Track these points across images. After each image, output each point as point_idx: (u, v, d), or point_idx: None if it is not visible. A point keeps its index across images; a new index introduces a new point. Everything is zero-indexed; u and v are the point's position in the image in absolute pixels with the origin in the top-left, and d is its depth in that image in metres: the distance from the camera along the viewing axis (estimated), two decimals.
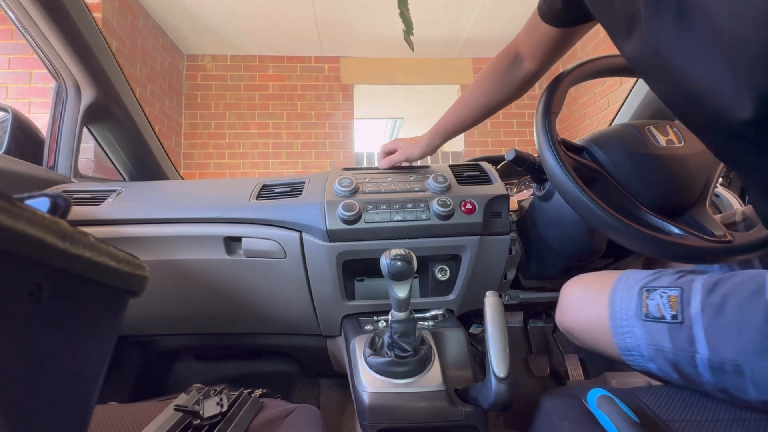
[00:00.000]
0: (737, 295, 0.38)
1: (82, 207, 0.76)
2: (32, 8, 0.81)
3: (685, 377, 0.43)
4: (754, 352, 0.36)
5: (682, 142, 0.59)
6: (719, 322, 0.38)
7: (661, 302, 0.43)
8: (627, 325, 0.46)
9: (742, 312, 0.37)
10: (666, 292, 0.43)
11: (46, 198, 0.27)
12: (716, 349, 0.38)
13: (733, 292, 0.38)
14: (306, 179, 0.80)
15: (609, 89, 2.99)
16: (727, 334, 0.38)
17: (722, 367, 0.38)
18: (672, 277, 0.45)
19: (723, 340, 0.38)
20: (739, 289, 0.38)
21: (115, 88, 1.01)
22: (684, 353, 0.41)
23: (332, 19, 3.33)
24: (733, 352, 0.37)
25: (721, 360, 0.38)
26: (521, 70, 0.79)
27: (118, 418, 0.49)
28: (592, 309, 0.51)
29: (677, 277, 0.44)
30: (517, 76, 0.80)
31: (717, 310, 0.39)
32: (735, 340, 0.37)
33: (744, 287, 0.38)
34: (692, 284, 0.42)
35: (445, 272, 0.77)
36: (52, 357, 0.24)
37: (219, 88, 3.83)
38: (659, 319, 0.43)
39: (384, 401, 0.55)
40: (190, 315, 0.85)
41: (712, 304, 0.39)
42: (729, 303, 0.38)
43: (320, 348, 0.89)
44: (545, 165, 0.58)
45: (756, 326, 0.35)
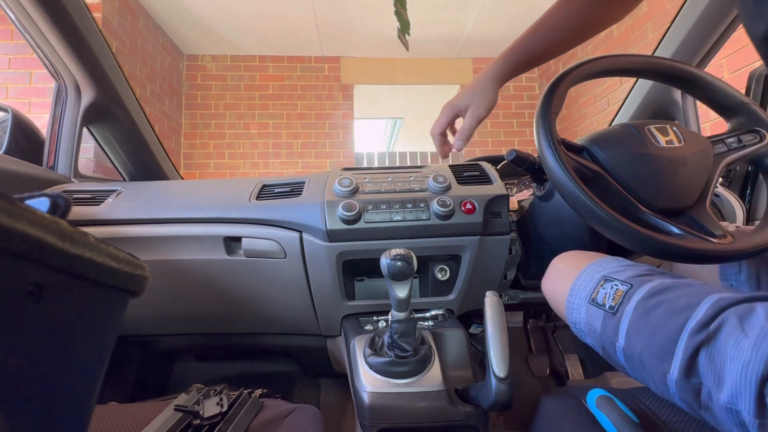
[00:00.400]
0: (669, 305, 0.42)
1: (82, 207, 0.76)
2: (32, 8, 0.81)
3: (608, 357, 0.49)
4: (654, 353, 0.41)
5: (682, 142, 0.59)
6: (640, 322, 0.43)
7: (609, 293, 0.48)
8: (577, 303, 0.52)
9: (663, 320, 0.41)
10: (617, 286, 0.48)
11: (46, 198, 0.27)
12: (629, 342, 0.44)
13: (667, 302, 0.42)
14: (306, 179, 0.80)
15: (609, 89, 2.99)
16: (641, 333, 0.43)
17: (632, 359, 0.44)
18: (635, 272, 0.49)
19: (637, 337, 0.43)
20: (674, 300, 0.42)
21: (115, 88, 1.01)
22: (608, 339, 0.47)
23: (332, 19, 3.33)
24: (639, 348, 0.43)
25: (631, 352, 0.44)
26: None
27: (118, 418, 0.49)
28: (562, 282, 0.56)
29: (639, 274, 0.48)
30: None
31: (645, 312, 0.43)
32: (645, 340, 0.42)
33: (679, 300, 0.41)
34: (644, 285, 0.46)
35: (445, 272, 0.77)
36: (52, 357, 0.24)
37: (219, 88, 3.83)
38: (600, 306, 0.48)
39: (384, 401, 0.55)
40: (190, 315, 0.85)
41: (645, 306, 0.44)
42: (658, 310, 0.42)
43: (320, 348, 0.89)
44: (545, 165, 0.58)
45: (665, 334, 0.40)
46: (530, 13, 3.33)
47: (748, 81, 0.89)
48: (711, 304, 0.39)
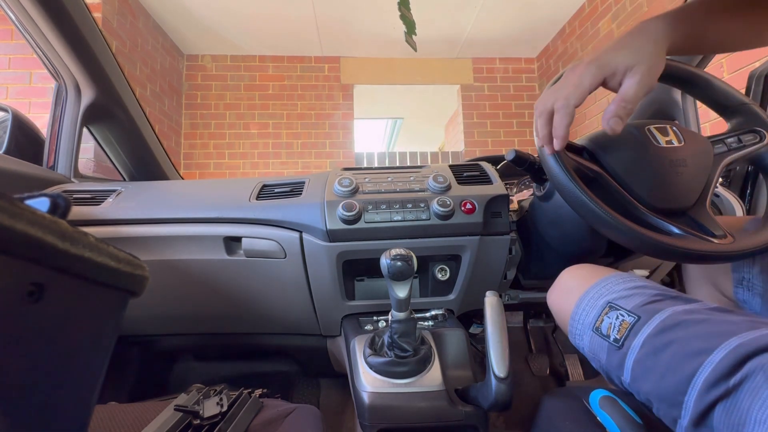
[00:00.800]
0: (681, 346, 0.38)
1: (82, 207, 0.76)
2: (32, 8, 0.81)
3: (615, 385, 0.47)
4: (662, 398, 0.38)
5: (682, 142, 0.59)
6: (648, 362, 0.40)
7: (614, 324, 0.45)
8: (580, 329, 0.50)
9: (673, 363, 0.37)
10: (623, 317, 0.44)
11: (46, 198, 0.27)
12: (635, 380, 0.41)
13: (678, 342, 0.38)
14: (306, 179, 0.80)
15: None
16: (649, 374, 0.39)
17: (638, 395, 0.42)
18: (643, 299, 0.45)
19: (643, 378, 0.40)
20: (687, 341, 0.38)
21: (115, 88, 1.01)
22: (614, 372, 0.44)
23: (332, 19, 3.33)
24: (646, 389, 0.40)
25: (637, 390, 0.41)
26: None
27: (118, 418, 0.49)
28: (567, 300, 0.54)
29: (648, 301, 0.44)
30: None
31: (654, 351, 0.40)
32: (652, 383, 0.39)
33: (693, 342, 0.37)
34: (653, 316, 0.42)
35: (445, 272, 0.77)
36: (52, 357, 0.24)
37: (219, 88, 3.83)
38: (605, 336, 0.45)
39: (384, 401, 0.55)
40: (190, 315, 0.85)
41: (653, 344, 0.40)
42: (668, 350, 0.38)
43: (320, 348, 0.89)
44: (545, 165, 0.58)
45: (675, 380, 0.36)
46: (530, 14, 3.34)
47: (748, 81, 0.89)
48: (730, 350, 0.34)
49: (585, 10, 3.23)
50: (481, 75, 4.03)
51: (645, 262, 0.82)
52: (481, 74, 4.03)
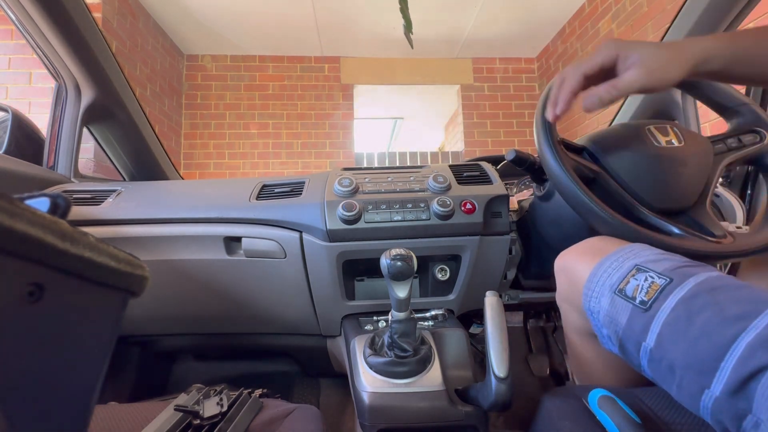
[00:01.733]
0: (719, 309, 0.36)
1: (82, 207, 0.76)
2: (32, 8, 0.81)
3: (624, 353, 0.44)
4: (692, 364, 0.36)
5: (682, 142, 0.59)
6: (679, 326, 0.38)
7: (642, 285, 0.42)
8: (598, 290, 0.46)
9: (710, 328, 0.35)
10: (653, 279, 0.42)
11: (46, 198, 0.27)
12: (660, 344, 0.39)
13: (716, 305, 0.36)
14: (306, 179, 0.80)
15: None
16: (679, 338, 0.37)
17: (659, 362, 0.39)
18: (674, 263, 0.43)
19: (672, 342, 0.38)
20: (726, 305, 0.36)
21: (115, 88, 1.01)
22: (633, 336, 0.41)
23: (332, 19, 3.33)
24: (673, 355, 0.37)
25: (660, 356, 0.39)
26: None
27: (118, 418, 0.49)
28: (585, 260, 0.51)
29: (680, 266, 0.42)
30: None
31: (688, 314, 0.37)
32: (683, 347, 0.37)
33: (733, 306, 0.35)
34: (687, 279, 0.40)
35: (445, 272, 0.77)
36: (52, 357, 0.24)
37: (219, 88, 3.83)
38: (630, 299, 0.42)
39: (384, 401, 0.55)
40: (190, 315, 0.85)
41: (687, 307, 0.38)
42: (704, 314, 0.36)
43: (320, 348, 0.89)
44: (545, 165, 0.58)
45: (711, 345, 0.35)
46: (530, 14, 3.33)
47: None
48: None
49: (585, 10, 3.23)
50: (481, 75, 4.03)
51: None
52: (481, 74, 4.03)
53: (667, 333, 0.38)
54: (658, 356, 0.39)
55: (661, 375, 0.39)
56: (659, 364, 0.39)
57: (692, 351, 0.36)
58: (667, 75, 0.47)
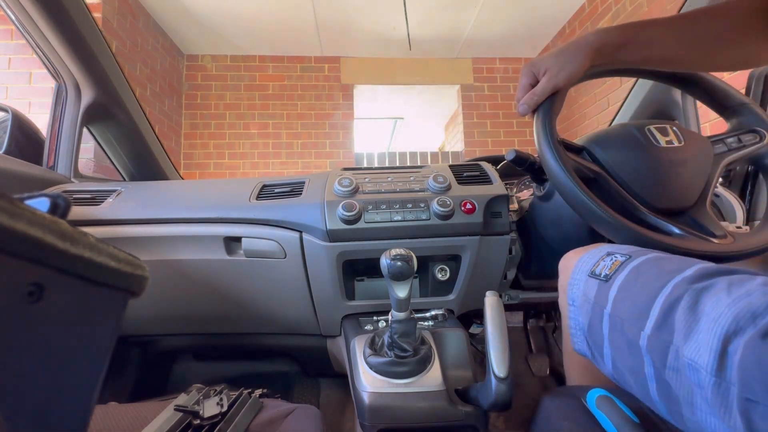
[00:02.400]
0: (659, 268, 0.41)
1: (82, 207, 0.76)
2: (32, 8, 0.81)
3: (592, 334, 0.48)
4: (634, 313, 0.41)
5: (682, 142, 0.59)
6: (629, 286, 0.43)
7: (607, 264, 0.48)
8: (578, 278, 0.52)
9: (649, 281, 0.41)
10: (616, 257, 0.48)
11: (46, 198, 0.27)
12: (615, 306, 0.44)
13: (658, 266, 0.42)
14: (306, 179, 0.80)
15: (609, 89, 2.99)
16: (627, 295, 0.43)
17: (615, 326, 0.43)
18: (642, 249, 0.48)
19: (622, 300, 0.43)
20: (665, 265, 0.42)
21: (115, 88, 1.01)
22: (599, 307, 0.46)
23: (332, 19, 3.33)
24: (622, 311, 0.42)
25: (614, 317, 0.43)
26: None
27: (118, 418, 0.49)
28: (575, 257, 0.56)
29: (645, 250, 0.48)
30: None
31: (636, 276, 0.43)
32: (629, 302, 0.42)
33: (670, 265, 0.41)
34: (642, 255, 0.46)
35: (445, 272, 0.77)
36: (52, 357, 0.24)
37: (219, 88, 3.83)
38: (597, 276, 0.48)
39: (384, 401, 0.55)
40: (190, 315, 0.85)
41: (636, 271, 0.43)
42: (648, 273, 0.42)
43: (320, 348, 0.89)
44: (545, 165, 0.58)
45: (648, 293, 0.40)
46: (530, 14, 3.34)
47: (748, 81, 0.89)
48: (701, 267, 0.39)
49: (585, 10, 3.23)
50: (481, 75, 4.03)
51: None
52: (481, 74, 4.03)
53: (620, 295, 0.44)
54: (613, 319, 0.44)
55: (617, 342, 0.43)
56: (615, 327, 0.43)
57: (635, 301, 0.41)
58: (571, 71, 0.56)
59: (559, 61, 0.56)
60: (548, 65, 0.57)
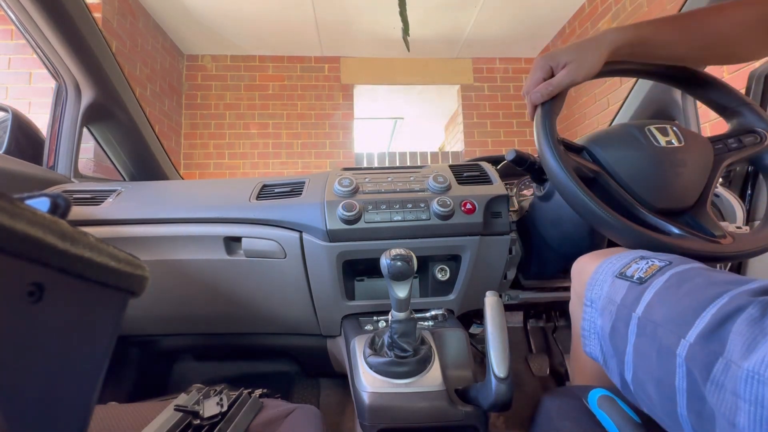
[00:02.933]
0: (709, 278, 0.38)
1: (82, 207, 0.76)
2: (32, 8, 0.81)
3: (614, 334, 0.45)
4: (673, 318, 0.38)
5: (682, 142, 0.59)
6: (669, 292, 0.40)
7: (642, 267, 0.45)
8: (601, 279, 0.49)
9: (697, 289, 0.38)
10: (653, 261, 0.44)
11: (46, 198, 0.27)
12: (649, 309, 0.40)
13: (707, 276, 0.39)
14: (306, 179, 0.80)
15: (609, 89, 2.99)
16: (666, 300, 0.40)
17: (644, 328, 0.40)
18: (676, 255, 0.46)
19: (659, 305, 0.40)
20: (717, 276, 0.38)
21: (115, 88, 1.01)
22: (626, 310, 0.43)
23: (332, 19, 3.33)
24: (658, 315, 0.39)
25: (646, 321, 0.40)
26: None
27: (118, 418, 0.49)
28: (597, 258, 0.54)
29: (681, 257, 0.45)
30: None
31: (679, 282, 0.40)
32: (668, 307, 0.39)
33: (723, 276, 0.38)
34: (688, 262, 0.43)
35: (445, 272, 0.77)
36: (52, 357, 0.24)
37: (219, 88, 3.83)
38: (628, 278, 0.45)
39: (384, 401, 0.55)
40: (190, 315, 0.85)
41: (679, 278, 0.40)
42: (695, 280, 0.39)
43: (320, 348, 0.89)
44: (545, 165, 0.58)
45: (695, 300, 0.37)
46: (530, 14, 3.33)
47: (748, 81, 0.89)
48: (764, 283, 0.34)
49: (585, 10, 3.23)
50: (481, 75, 4.03)
51: None
52: (481, 74, 4.03)
53: (657, 299, 0.40)
54: (644, 322, 0.40)
55: (644, 348, 0.40)
56: (643, 330, 0.40)
57: (676, 307, 0.38)
58: (590, 67, 0.58)
59: (579, 56, 0.57)
60: (569, 59, 0.58)
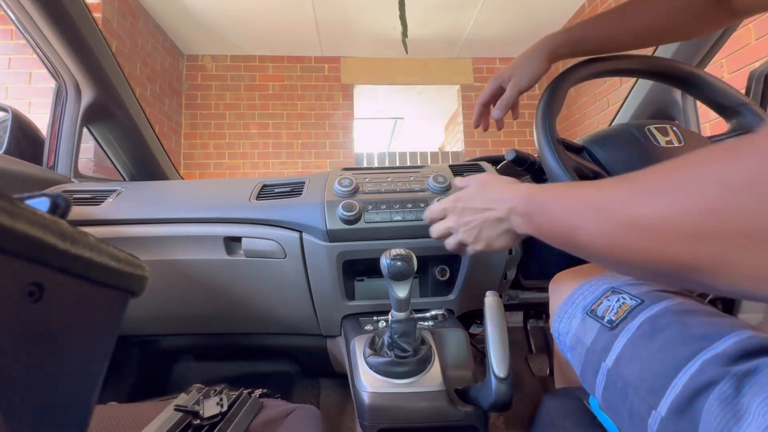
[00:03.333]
0: (683, 329, 0.35)
1: (82, 207, 0.76)
2: (32, 8, 0.81)
3: (584, 381, 0.43)
4: (644, 381, 0.34)
5: (682, 142, 0.59)
6: (641, 343, 0.36)
7: (612, 306, 0.42)
8: (571, 312, 0.47)
9: (670, 344, 0.34)
10: (624, 299, 0.41)
11: (46, 198, 0.27)
12: (619, 363, 0.37)
13: (681, 325, 0.35)
14: (306, 179, 0.80)
15: (609, 89, 2.99)
16: (638, 356, 0.36)
17: (614, 386, 0.37)
18: (652, 288, 0.42)
19: (631, 360, 0.36)
20: (691, 326, 0.35)
21: (115, 88, 1.01)
22: (595, 357, 0.40)
23: (332, 19, 3.33)
24: (628, 374, 0.36)
25: (616, 377, 0.37)
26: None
27: (118, 418, 0.49)
28: (569, 284, 0.52)
29: (658, 289, 0.41)
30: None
31: (652, 332, 0.36)
32: (639, 365, 0.35)
33: (698, 327, 0.34)
34: (660, 301, 0.39)
35: (445, 272, 0.77)
36: (52, 357, 0.24)
37: (219, 88, 3.83)
38: (598, 318, 0.42)
39: (384, 401, 0.55)
40: (190, 315, 0.85)
41: (652, 325, 0.36)
42: (667, 331, 0.35)
43: (320, 348, 0.89)
44: (545, 165, 0.58)
45: (667, 361, 0.33)
46: (530, 14, 3.33)
47: (748, 81, 0.89)
48: (739, 340, 0.31)
49: (585, 10, 3.23)
50: (481, 75, 4.03)
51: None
52: (481, 74, 4.03)
53: (628, 352, 0.37)
54: (613, 378, 0.37)
55: (612, 403, 0.37)
56: (613, 388, 0.37)
57: (648, 367, 0.34)
58: (532, 73, 0.64)
59: (519, 67, 0.64)
60: (512, 73, 0.65)
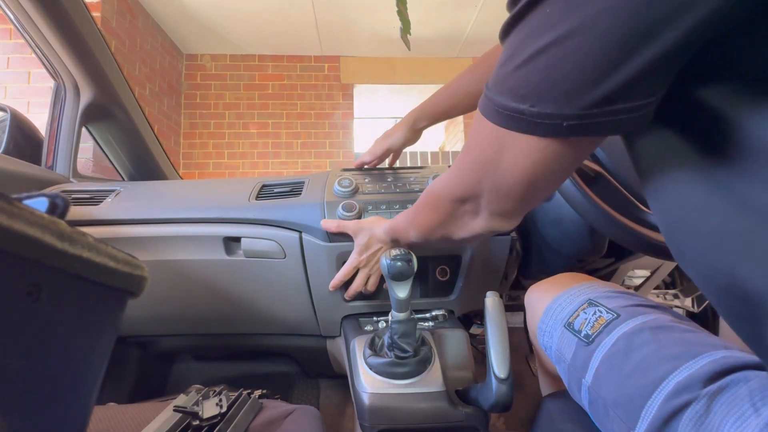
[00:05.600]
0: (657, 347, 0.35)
1: (81, 207, 0.76)
2: (31, 8, 0.81)
3: (573, 394, 0.43)
4: (621, 402, 0.34)
5: None
6: (615, 361, 0.36)
7: (589, 319, 0.42)
8: (551, 325, 0.47)
9: (645, 364, 0.34)
10: (601, 313, 0.41)
11: (44, 198, 0.27)
12: (597, 381, 0.38)
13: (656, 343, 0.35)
14: (306, 179, 0.80)
15: None
16: (613, 374, 0.36)
17: (596, 402, 0.38)
18: (629, 301, 0.42)
19: (607, 378, 0.37)
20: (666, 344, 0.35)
21: (114, 87, 1.01)
22: (576, 373, 0.41)
23: (332, 18, 3.32)
24: (605, 393, 0.36)
25: (596, 395, 0.38)
26: None
27: (117, 419, 0.49)
28: (545, 296, 0.52)
29: (634, 304, 0.41)
30: None
31: (626, 349, 0.36)
32: (614, 383, 0.36)
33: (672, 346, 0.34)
34: (636, 316, 0.39)
35: (445, 272, 0.76)
36: (51, 357, 0.24)
37: (218, 88, 3.82)
38: (576, 332, 0.42)
39: (384, 402, 0.55)
40: (189, 315, 0.85)
41: (627, 342, 0.36)
42: (642, 350, 0.35)
43: (320, 348, 0.89)
44: None
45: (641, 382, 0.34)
46: None
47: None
48: (712, 360, 0.31)
49: None
50: None
51: (646, 262, 0.82)
52: None
53: (604, 369, 0.37)
54: (594, 395, 0.38)
55: (600, 417, 0.38)
56: (596, 404, 0.38)
57: (624, 387, 0.35)
58: (393, 142, 0.78)
59: (390, 135, 0.80)
60: (379, 139, 0.81)
